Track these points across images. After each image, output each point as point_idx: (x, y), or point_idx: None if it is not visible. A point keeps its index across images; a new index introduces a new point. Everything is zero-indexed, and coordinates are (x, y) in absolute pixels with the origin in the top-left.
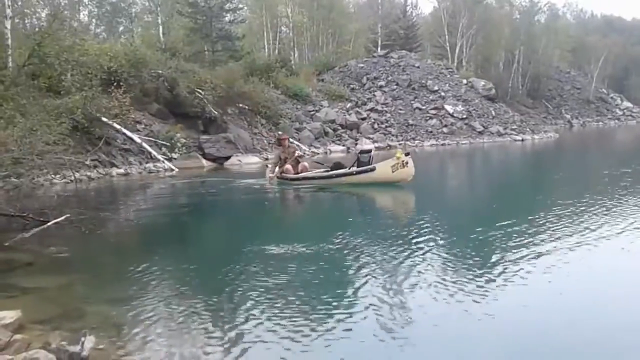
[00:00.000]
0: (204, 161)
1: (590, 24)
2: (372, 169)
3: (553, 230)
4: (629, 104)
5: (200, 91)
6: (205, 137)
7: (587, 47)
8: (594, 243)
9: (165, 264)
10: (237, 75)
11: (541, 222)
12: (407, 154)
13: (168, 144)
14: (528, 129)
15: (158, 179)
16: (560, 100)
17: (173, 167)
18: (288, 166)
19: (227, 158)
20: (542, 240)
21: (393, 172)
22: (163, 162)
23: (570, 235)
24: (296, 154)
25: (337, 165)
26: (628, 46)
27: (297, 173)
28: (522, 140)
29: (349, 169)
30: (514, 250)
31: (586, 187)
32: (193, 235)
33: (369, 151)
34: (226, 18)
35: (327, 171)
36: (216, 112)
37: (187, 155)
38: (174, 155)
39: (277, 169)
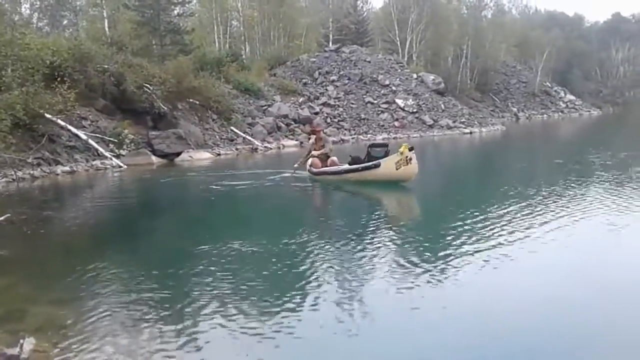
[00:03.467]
0: (154, 157)
1: (534, 19)
2: (377, 165)
3: (503, 222)
4: (572, 97)
5: (148, 86)
6: (154, 133)
7: (532, 41)
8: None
9: (112, 264)
10: (187, 70)
11: (496, 214)
12: (411, 149)
13: (115, 140)
14: (476, 122)
15: (106, 176)
16: (507, 94)
17: (121, 164)
18: (316, 160)
19: (178, 154)
20: (490, 235)
21: (397, 169)
22: (111, 159)
23: (521, 223)
24: (328, 148)
25: (355, 160)
26: (571, 40)
27: (326, 167)
28: (471, 133)
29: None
30: (469, 243)
31: (535, 177)
32: (144, 234)
33: (384, 145)
34: (175, 11)
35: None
36: (165, 108)
37: (136, 151)
38: (122, 152)
39: (302, 159)
